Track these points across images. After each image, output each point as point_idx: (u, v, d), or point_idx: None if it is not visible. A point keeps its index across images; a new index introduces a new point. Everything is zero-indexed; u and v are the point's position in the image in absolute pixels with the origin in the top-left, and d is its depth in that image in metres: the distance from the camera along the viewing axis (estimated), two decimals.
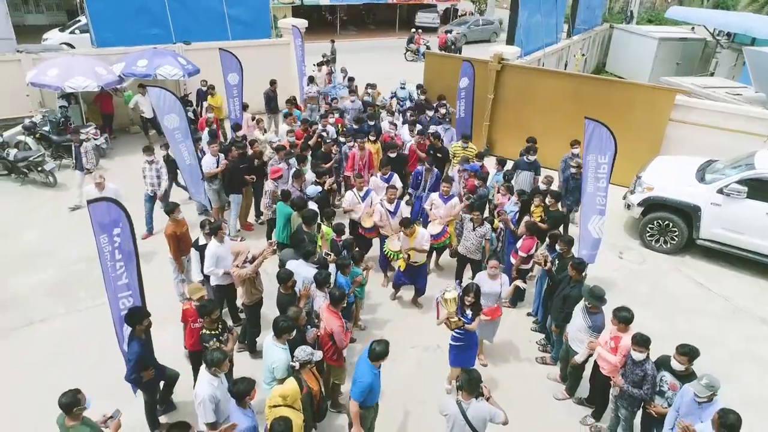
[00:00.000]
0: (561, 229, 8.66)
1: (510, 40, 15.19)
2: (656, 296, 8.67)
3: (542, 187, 8.78)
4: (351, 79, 14.38)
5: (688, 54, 21.61)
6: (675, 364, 5.01)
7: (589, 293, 5.87)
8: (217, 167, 9.33)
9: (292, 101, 12.54)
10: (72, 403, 4.35)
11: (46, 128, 12.16)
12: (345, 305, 5.92)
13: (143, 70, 13.06)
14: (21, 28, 19.97)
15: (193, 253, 7.09)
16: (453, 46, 24.52)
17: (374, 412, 5.28)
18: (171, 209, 7.47)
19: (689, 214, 9.35)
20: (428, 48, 24.07)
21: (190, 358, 6.14)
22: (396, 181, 9.10)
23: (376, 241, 8.76)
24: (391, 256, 7.82)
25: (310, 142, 10.47)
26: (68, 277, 8.51)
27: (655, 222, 9.74)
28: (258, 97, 13.83)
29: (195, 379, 5.23)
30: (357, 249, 7.37)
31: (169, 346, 6.37)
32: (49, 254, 9.11)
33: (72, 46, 18.66)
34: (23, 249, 9.31)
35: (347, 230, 8.10)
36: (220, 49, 12.15)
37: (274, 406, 4.54)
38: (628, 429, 5.63)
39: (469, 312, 6.00)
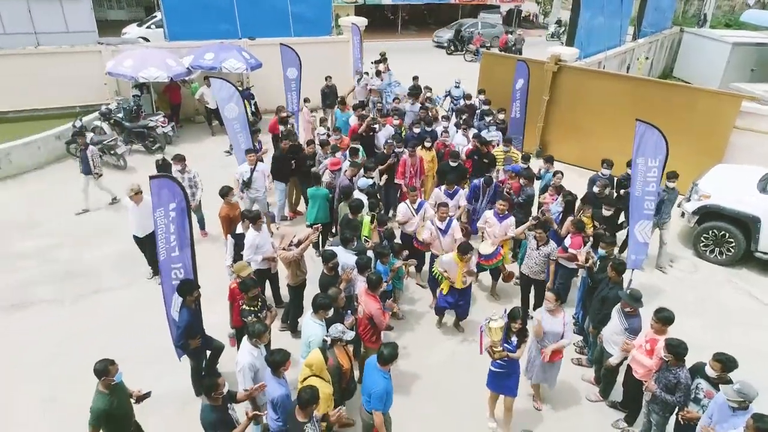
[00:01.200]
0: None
1: (570, 41, 14.91)
2: (707, 307, 8.38)
3: (596, 190, 8.58)
4: (415, 78, 14.22)
5: (765, 60, 20.37)
6: (708, 370, 4.93)
7: (626, 295, 5.82)
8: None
9: (342, 101, 12.77)
10: (102, 370, 4.65)
11: (120, 115, 13.07)
12: (383, 289, 6.13)
13: (210, 63, 13.77)
14: (103, 23, 21.55)
15: (229, 241, 7.39)
16: (513, 47, 24.22)
17: (389, 416, 5.22)
18: (225, 192, 7.92)
19: (748, 225, 8.94)
20: (487, 48, 23.84)
21: (237, 335, 6.44)
22: (461, 198, 8.72)
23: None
24: (439, 277, 7.29)
25: (360, 130, 10.61)
26: (133, 252, 9.14)
27: (711, 232, 9.36)
28: (318, 93, 14.14)
29: None
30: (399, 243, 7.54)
31: (216, 328, 6.57)
32: (119, 230, 9.79)
33: (147, 40, 19.90)
34: (95, 225, 10.13)
35: (400, 242, 8.02)
36: (281, 44, 12.64)
37: (304, 379, 4.80)
38: None
39: (514, 338, 5.59)
